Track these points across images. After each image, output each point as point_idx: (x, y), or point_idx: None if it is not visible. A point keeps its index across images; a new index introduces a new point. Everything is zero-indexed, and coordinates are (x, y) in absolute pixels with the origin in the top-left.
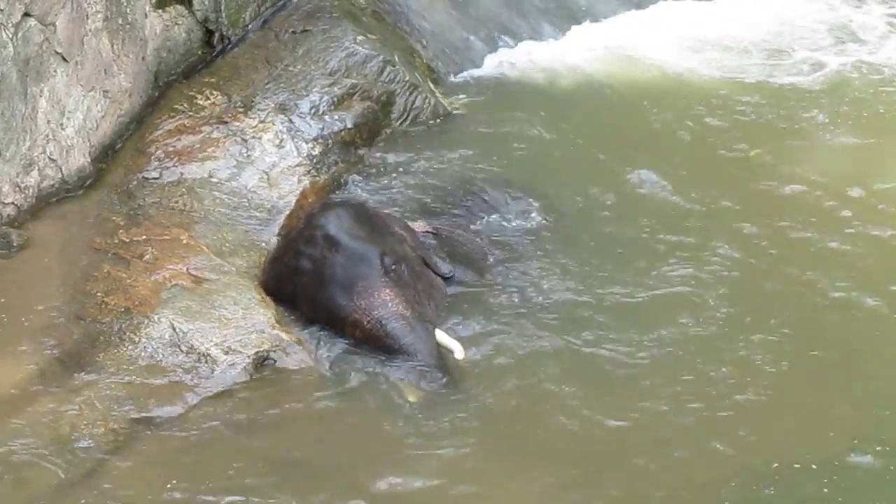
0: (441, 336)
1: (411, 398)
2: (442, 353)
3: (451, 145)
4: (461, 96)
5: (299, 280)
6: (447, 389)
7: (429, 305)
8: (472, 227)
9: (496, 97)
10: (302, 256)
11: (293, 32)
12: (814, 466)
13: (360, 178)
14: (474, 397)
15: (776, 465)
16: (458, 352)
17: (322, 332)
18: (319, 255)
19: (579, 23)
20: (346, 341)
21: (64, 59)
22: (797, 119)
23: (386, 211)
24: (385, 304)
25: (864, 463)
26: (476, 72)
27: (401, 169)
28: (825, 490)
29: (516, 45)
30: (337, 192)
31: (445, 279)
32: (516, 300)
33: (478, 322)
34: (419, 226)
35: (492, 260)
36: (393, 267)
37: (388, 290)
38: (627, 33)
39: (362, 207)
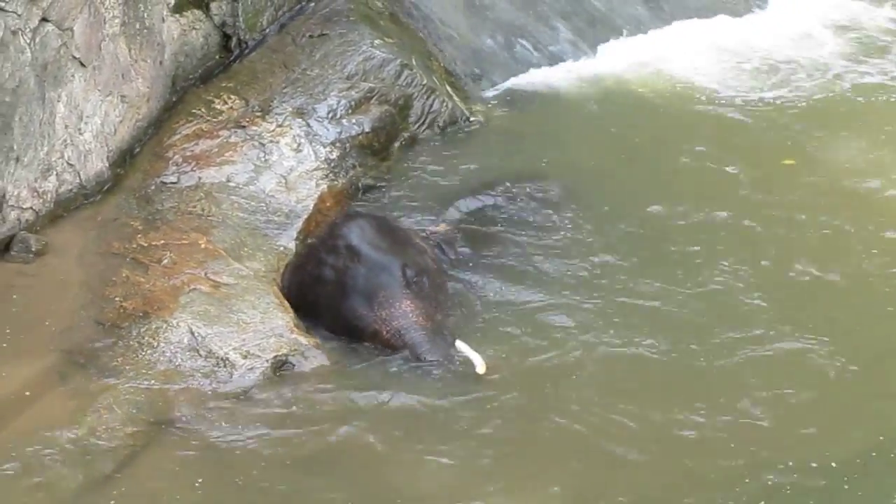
0: (463, 347)
1: (480, 370)
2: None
3: (469, 149)
4: (479, 100)
5: (321, 289)
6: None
7: (450, 317)
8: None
9: (515, 102)
10: (324, 266)
11: (310, 36)
12: (834, 464)
13: (378, 181)
14: (493, 401)
15: (792, 464)
16: (480, 366)
17: (341, 336)
18: (342, 264)
19: (603, 30)
20: (365, 345)
21: (81, 64)
22: (831, 131)
23: (404, 216)
24: (405, 315)
25: (888, 461)
26: (494, 76)
27: (419, 172)
28: (845, 487)
29: (535, 50)
30: (355, 196)
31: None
32: (536, 301)
33: (495, 323)
34: (442, 227)
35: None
36: (414, 279)
37: (408, 302)
38: (653, 42)
39: (384, 219)
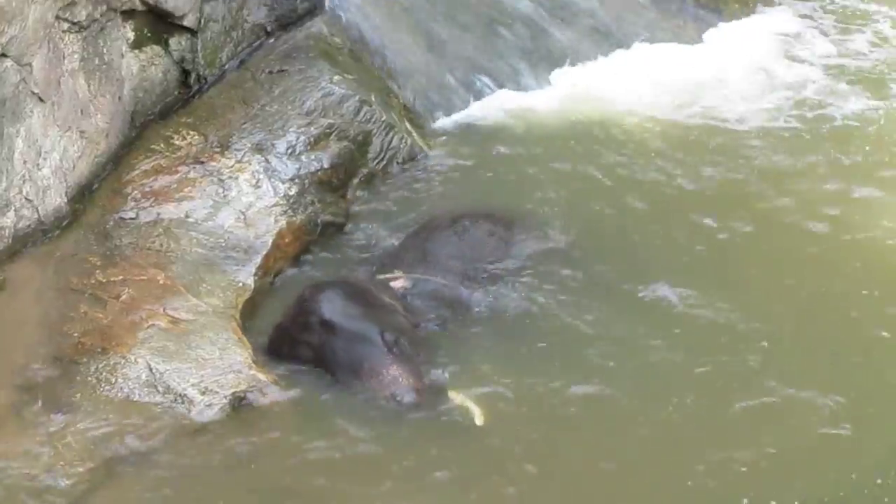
0: (459, 398)
1: (478, 421)
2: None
3: (428, 185)
4: (438, 137)
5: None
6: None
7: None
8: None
9: (474, 137)
10: (300, 345)
11: (270, 72)
12: None
13: (337, 218)
14: (461, 444)
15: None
16: (478, 417)
17: (299, 372)
18: (318, 341)
19: (559, 64)
20: (324, 381)
21: (40, 100)
22: (789, 163)
23: (364, 254)
24: (396, 381)
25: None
26: (453, 112)
27: (378, 209)
28: None
29: (494, 85)
30: (314, 232)
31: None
32: (505, 343)
33: (470, 365)
34: (398, 281)
35: (477, 306)
36: (395, 342)
37: (395, 367)
38: (608, 76)
39: (350, 284)
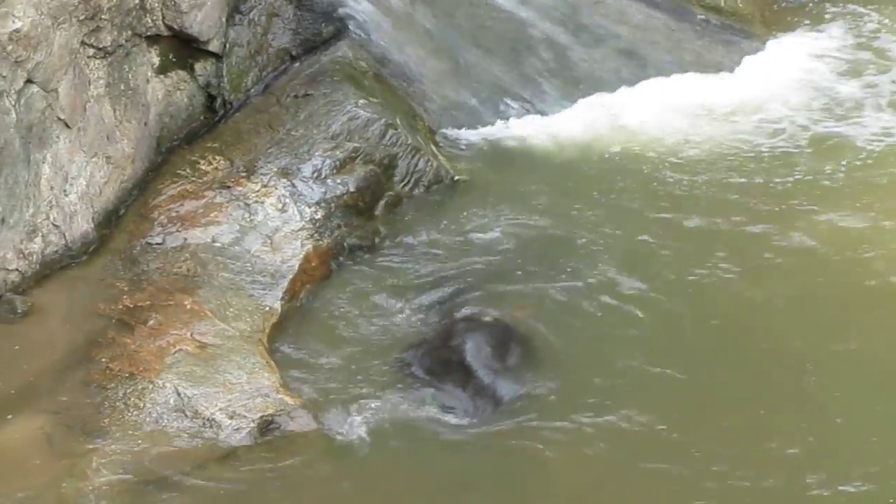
0: None
1: None
2: None
3: (453, 209)
4: (464, 159)
5: None
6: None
7: None
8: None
9: (499, 160)
10: None
11: (295, 97)
12: None
13: (364, 241)
14: (470, 470)
15: None
16: None
17: (328, 396)
18: None
19: (585, 89)
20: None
21: (66, 126)
22: (820, 193)
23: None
24: None
25: None
26: (479, 135)
27: (404, 232)
28: None
29: (519, 109)
30: (340, 255)
31: None
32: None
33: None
34: None
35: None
36: None
37: None
38: (633, 100)
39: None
